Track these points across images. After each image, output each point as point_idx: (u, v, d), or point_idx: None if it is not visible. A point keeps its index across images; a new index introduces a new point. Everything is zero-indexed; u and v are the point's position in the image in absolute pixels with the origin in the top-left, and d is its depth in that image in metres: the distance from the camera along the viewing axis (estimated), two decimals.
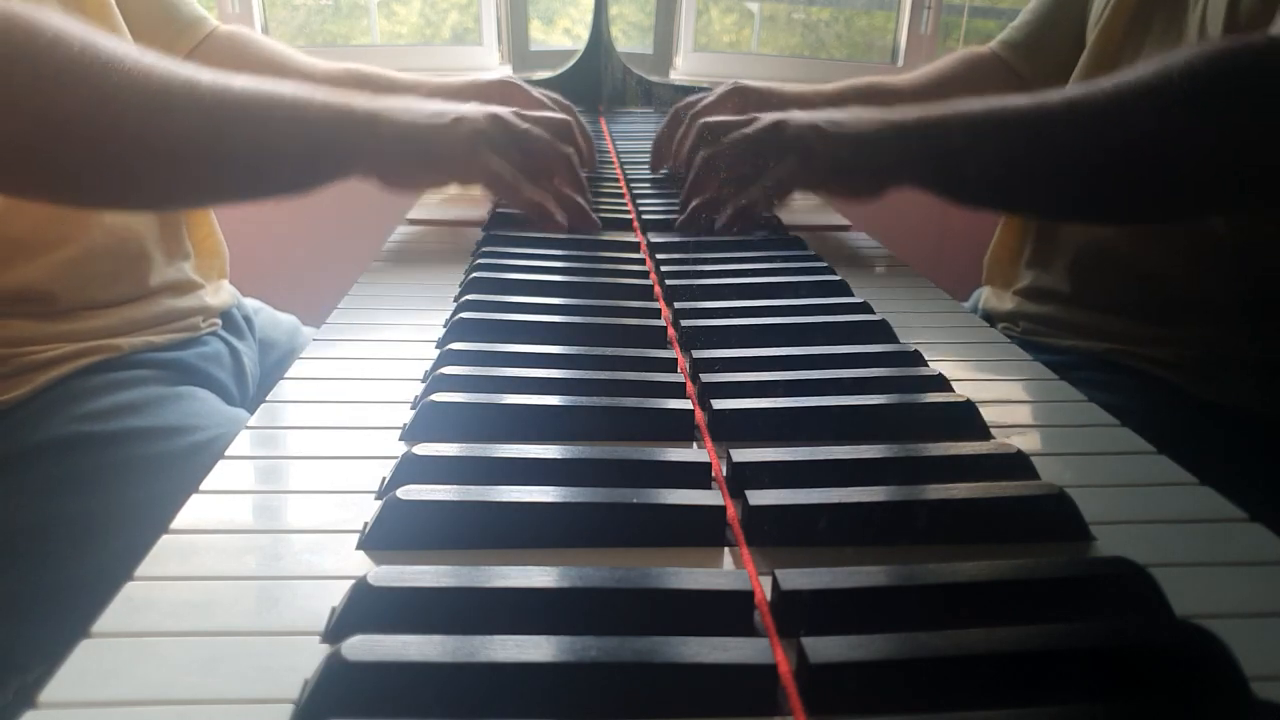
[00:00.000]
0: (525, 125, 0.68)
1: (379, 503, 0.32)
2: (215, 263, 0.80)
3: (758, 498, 0.32)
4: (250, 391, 0.79)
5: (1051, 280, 0.78)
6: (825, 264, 0.63)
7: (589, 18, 1.36)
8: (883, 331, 0.50)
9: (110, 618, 0.26)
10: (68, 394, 0.60)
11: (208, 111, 0.52)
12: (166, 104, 0.50)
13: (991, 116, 0.61)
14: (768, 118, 0.67)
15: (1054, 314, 0.77)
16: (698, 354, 0.45)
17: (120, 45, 0.49)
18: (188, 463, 0.59)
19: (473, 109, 0.65)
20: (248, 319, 0.83)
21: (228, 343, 0.77)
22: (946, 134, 0.61)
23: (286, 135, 0.56)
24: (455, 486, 0.32)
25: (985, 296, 0.88)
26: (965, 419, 0.40)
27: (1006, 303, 0.83)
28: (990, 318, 0.84)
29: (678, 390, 0.41)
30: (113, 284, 0.67)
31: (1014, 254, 0.83)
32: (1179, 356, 0.68)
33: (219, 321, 0.76)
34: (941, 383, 0.43)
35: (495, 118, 0.65)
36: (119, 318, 0.66)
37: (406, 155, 0.62)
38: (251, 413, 0.70)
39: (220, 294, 0.79)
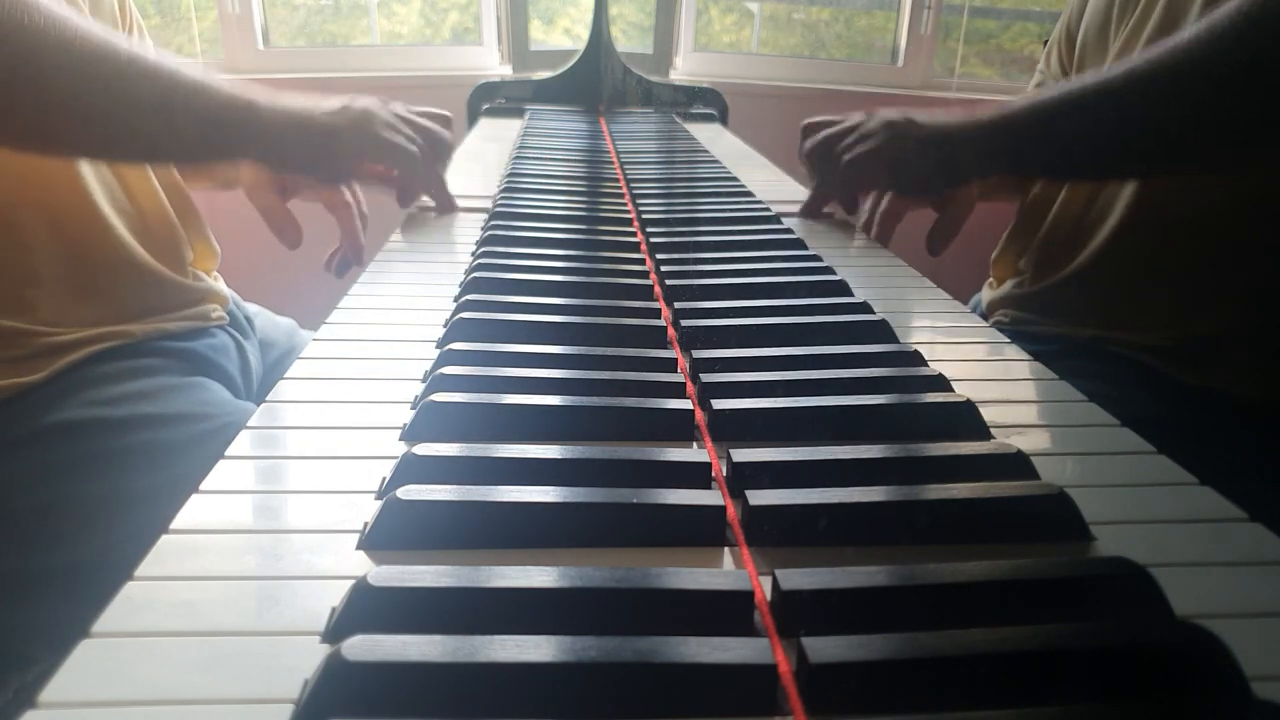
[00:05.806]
0: (407, 110, 0.74)
1: (379, 503, 0.32)
2: (210, 265, 0.81)
3: (758, 498, 0.32)
4: (254, 387, 0.80)
5: (1042, 267, 0.78)
6: (825, 264, 0.63)
7: (589, 18, 1.36)
8: (883, 331, 0.50)
9: (110, 618, 0.26)
10: (83, 379, 0.61)
11: (120, 72, 0.55)
12: (86, 57, 0.53)
13: (1075, 91, 0.63)
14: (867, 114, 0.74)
15: (1042, 300, 0.77)
16: (698, 354, 0.45)
17: (44, 5, 0.52)
18: (197, 450, 0.59)
19: (354, 98, 0.70)
20: (249, 319, 0.84)
21: (234, 338, 0.78)
22: (1038, 114, 0.65)
23: (185, 107, 0.60)
24: (455, 487, 0.32)
25: (985, 293, 0.88)
26: (965, 419, 0.40)
27: (1001, 291, 0.83)
28: (985, 314, 0.85)
29: (678, 390, 0.41)
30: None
31: (1019, 251, 0.84)
32: (1167, 340, 0.69)
33: (226, 316, 0.78)
34: (941, 383, 0.43)
35: (380, 101, 0.71)
36: (137, 301, 0.67)
37: (297, 138, 0.66)
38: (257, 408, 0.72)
39: (222, 288, 0.80)
